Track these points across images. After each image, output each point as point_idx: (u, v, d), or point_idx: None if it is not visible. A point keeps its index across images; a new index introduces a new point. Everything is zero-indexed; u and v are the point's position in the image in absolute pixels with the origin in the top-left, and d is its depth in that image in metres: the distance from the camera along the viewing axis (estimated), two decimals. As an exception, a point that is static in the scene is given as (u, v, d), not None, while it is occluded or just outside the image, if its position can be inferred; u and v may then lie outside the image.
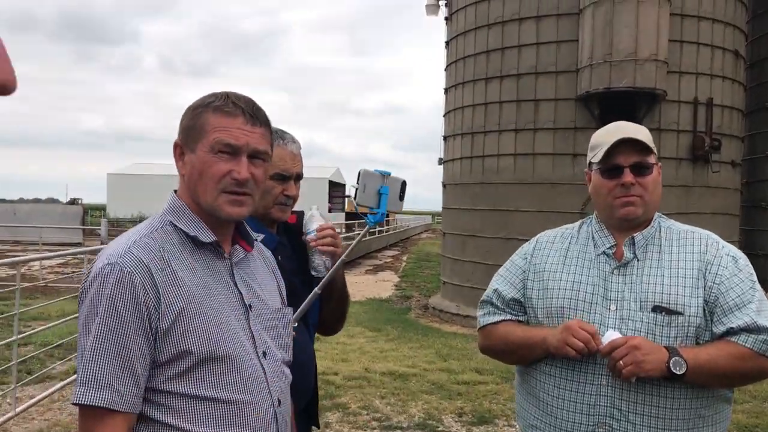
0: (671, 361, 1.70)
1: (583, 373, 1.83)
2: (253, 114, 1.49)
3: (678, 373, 1.70)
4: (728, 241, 1.99)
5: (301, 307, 2.01)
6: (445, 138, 13.51)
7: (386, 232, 34.08)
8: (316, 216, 2.16)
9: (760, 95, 13.71)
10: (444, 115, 13.61)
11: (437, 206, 15.14)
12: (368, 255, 25.81)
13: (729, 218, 11.46)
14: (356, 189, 2.07)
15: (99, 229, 17.35)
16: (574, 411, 1.84)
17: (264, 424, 1.48)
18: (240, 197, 1.48)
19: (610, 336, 1.77)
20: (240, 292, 1.54)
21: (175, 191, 1.58)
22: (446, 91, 13.45)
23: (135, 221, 44.79)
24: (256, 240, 1.67)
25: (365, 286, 16.50)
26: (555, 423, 1.88)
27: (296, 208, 2.20)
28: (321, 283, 2.08)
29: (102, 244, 13.02)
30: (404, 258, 26.26)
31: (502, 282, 2.06)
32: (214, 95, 1.52)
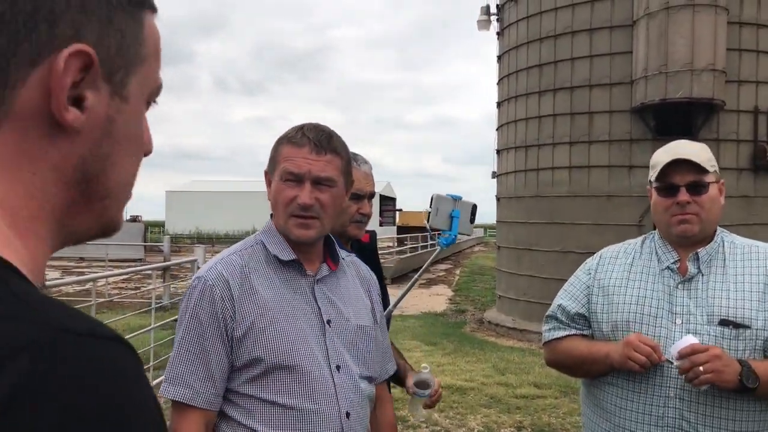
0: (744, 375, 1.74)
1: (651, 385, 1.88)
2: (319, 143, 1.61)
3: (750, 386, 1.74)
4: (793, 253, 2.01)
5: None
6: (498, 151, 13.53)
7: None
8: (430, 379, 2.28)
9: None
10: (497, 129, 13.65)
11: (489, 219, 15.10)
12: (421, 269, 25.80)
13: (794, 229, 11.17)
14: (429, 212, 2.19)
15: (162, 245, 17.87)
16: (643, 422, 1.88)
17: None
18: (306, 221, 1.61)
19: (689, 340, 1.79)
20: (319, 308, 1.65)
21: (272, 215, 1.74)
22: (499, 105, 13.49)
23: (193, 237, 45.85)
24: (343, 258, 1.77)
25: (419, 299, 16.56)
26: None
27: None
28: (394, 302, 2.20)
29: (165, 260, 13.44)
30: (457, 271, 26.20)
31: (566, 297, 2.13)
32: (294, 128, 1.68)
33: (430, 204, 2.21)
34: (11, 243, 0.54)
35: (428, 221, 2.22)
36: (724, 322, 1.85)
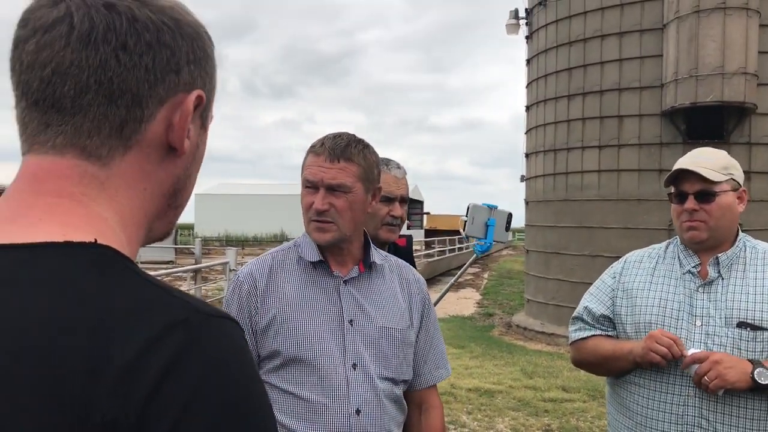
0: (755, 372, 1.80)
1: (671, 384, 1.95)
2: (333, 151, 1.70)
3: (763, 382, 1.79)
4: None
5: None
6: (527, 155, 13.54)
7: (466, 249, 34.00)
8: None
9: None
10: (525, 133, 13.65)
11: (517, 223, 15.11)
12: (449, 272, 25.86)
13: (828, 234, 11.00)
14: (465, 221, 2.27)
15: (193, 248, 18.16)
16: (663, 420, 1.95)
17: (337, 427, 1.66)
18: (322, 225, 1.71)
19: (691, 351, 1.88)
20: (342, 307, 1.73)
21: None
22: (528, 108, 13.50)
23: (222, 240, 46.33)
24: (375, 262, 1.83)
25: (447, 303, 16.58)
26: None
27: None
28: (436, 300, 2.27)
29: (196, 262, 13.67)
30: (485, 275, 26.16)
31: (592, 300, 2.20)
32: (321, 137, 1.78)
33: (467, 213, 2.29)
34: (123, 245, 0.68)
35: (464, 230, 2.30)
36: (741, 325, 1.90)
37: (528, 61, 13.53)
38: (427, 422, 1.87)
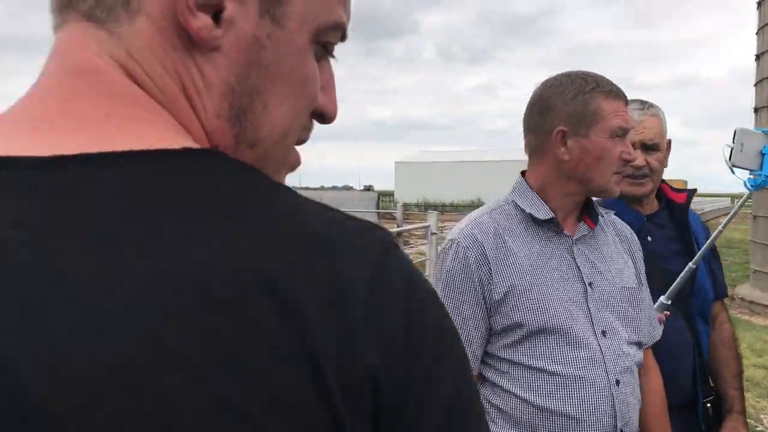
0: None
1: None
2: (623, 96, 1.55)
3: None
4: None
5: (671, 287, 1.88)
6: (756, 110, 12.18)
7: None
8: None
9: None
10: (755, 85, 12.26)
11: (735, 188, 13.70)
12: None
13: None
14: (731, 148, 1.89)
15: (395, 212, 18.74)
16: None
17: (597, 402, 1.46)
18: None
19: None
20: (579, 270, 1.54)
21: (523, 173, 1.65)
22: (758, 57, 12.10)
23: (420, 206, 47.39)
24: (602, 215, 1.66)
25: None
26: None
27: None
28: (695, 257, 1.93)
29: (398, 226, 14.03)
30: (700, 244, 24.24)
31: None
32: (584, 79, 1.53)
33: (733, 139, 1.91)
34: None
35: (729, 158, 1.90)
36: None
37: (759, 4, 12.07)
38: (648, 385, 1.70)
